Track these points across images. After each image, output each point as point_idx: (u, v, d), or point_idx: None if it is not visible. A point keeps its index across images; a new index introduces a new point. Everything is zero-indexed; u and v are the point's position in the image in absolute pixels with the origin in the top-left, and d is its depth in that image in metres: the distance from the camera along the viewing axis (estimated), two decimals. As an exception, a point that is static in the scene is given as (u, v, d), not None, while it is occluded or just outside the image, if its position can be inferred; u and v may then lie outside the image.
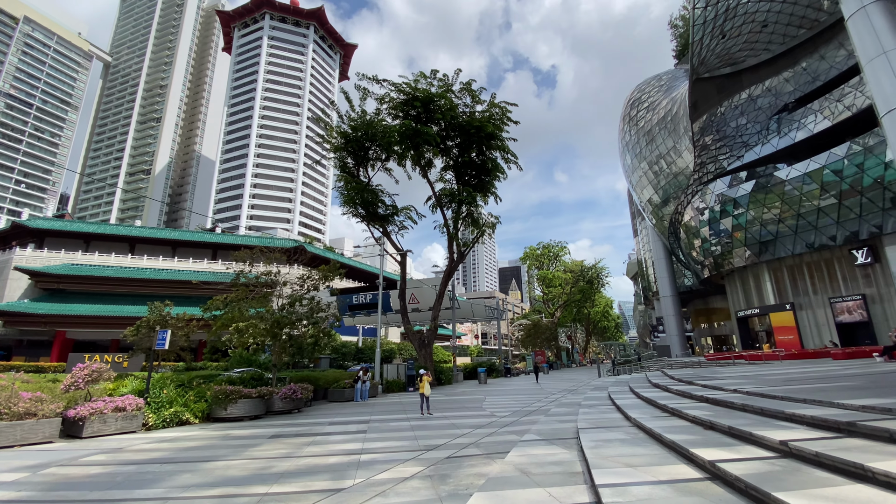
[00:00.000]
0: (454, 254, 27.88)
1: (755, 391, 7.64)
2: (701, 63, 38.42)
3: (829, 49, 33.49)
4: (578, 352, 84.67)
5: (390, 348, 42.53)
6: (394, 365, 25.79)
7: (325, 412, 15.37)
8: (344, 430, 10.42)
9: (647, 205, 53.49)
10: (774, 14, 34.33)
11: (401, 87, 25.17)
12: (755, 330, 42.93)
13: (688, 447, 4.86)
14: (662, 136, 46.83)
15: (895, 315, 29.94)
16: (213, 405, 14.20)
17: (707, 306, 64.24)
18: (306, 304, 17.32)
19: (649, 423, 6.70)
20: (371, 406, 16.34)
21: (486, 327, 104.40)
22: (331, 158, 29.34)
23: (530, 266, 66.60)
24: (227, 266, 30.47)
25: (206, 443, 9.68)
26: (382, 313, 25.97)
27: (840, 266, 33.63)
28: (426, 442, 8.19)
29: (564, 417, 9.59)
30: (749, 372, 13.59)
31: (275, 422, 13.37)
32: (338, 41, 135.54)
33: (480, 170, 27.83)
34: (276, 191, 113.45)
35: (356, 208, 28.66)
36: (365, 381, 18.88)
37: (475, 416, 11.99)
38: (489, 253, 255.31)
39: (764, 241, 36.15)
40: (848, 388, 7.60)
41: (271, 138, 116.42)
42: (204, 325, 23.55)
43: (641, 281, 79.08)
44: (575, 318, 73.14)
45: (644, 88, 55.06)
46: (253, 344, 16.16)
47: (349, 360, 36.47)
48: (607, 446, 5.72)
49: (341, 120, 27.77)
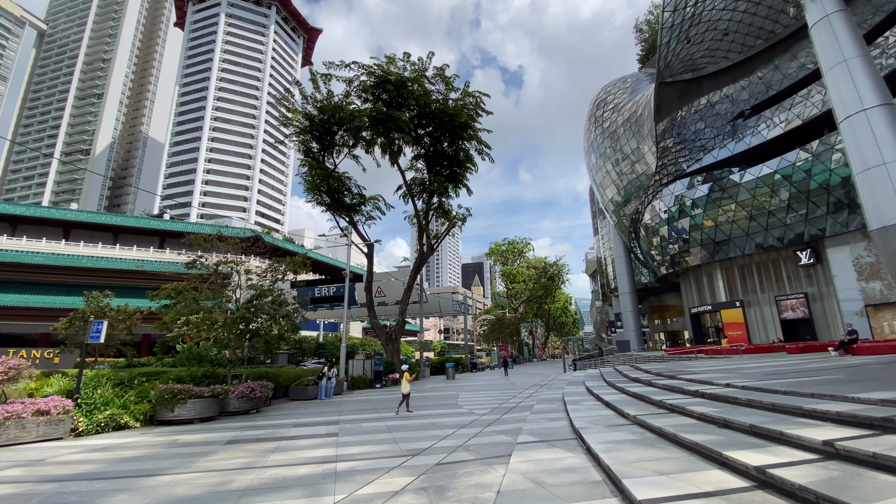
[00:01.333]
0: (424, 246, 27.00)
1: (751, 385, 7.41)
2: (666, 66, 39.52)
3: (783, 60, 35.29)
4: (539, 347, 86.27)
5: (353, 344, 41.10)
6: (359, 361, 24.68)
7: (287, 412, 14.17)
8: (312, 433, 9.37)
9: (609, 204, 54.82)
10: (735, 23, 35.76)
11: (371, 69, 23.89)
12: (706, 326, 45.08)
13: (716, 449, 4.37)
14: (627, 137, 48.01)
15: (833, 313, 31.97)
16: (158, 406, 12.67)
17: (661, 303, 67.00)
18: (272, 297, 15.94)
19: (654, 420, 6.24)
20: (338, 405, 15.26)
21: (448, 322, 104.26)
22: (293, 142, 27.61)
23: (495, 261, 66.90)
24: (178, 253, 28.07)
25: (149, 451, 8.38)
26: (347, 307, 24.74)
27: (786, 266, 35.63)
28: (408, 445, 7.38)
29: (553, 415, 9.09)
30: (720, 366, 13.74)
31: (231, 424, 12.06)
32: (301, 24, 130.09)
33: (452, 161, 27.06)
34: (231, 177, 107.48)
35: (321, 196, 27.14)
36: (330, 377, 17.73)
37: (453, 414, 11.29)
38: (452, 249, 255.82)
39: (718, 241, 37.75)
40: (838, 381, 7.52)
41: (227, 122, 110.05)
42: (150, 317, 21.43)
43: (600, 278, 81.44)
44: (536, 313, 74.45)
45: (610, 90, 56.27)
46: (207, 338, 14.63)
47: (309, 355, 34.80)
48: (620, 449, 5.16)
49: (306, 101, 26.12)
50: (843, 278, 30.68)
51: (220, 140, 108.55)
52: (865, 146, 16.67)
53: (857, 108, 16.85)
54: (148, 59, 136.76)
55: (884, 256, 16.56)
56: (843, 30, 17.43)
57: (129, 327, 23.15)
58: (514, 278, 64.20)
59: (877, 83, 16.61)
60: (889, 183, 15.84)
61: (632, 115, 46.94)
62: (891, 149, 15.87)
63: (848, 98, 17.24)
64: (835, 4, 17.82)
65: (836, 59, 17.61)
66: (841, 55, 17.38)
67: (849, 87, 17.15)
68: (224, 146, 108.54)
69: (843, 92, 17.40)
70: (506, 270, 64.99)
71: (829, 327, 32.28)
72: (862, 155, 16.85)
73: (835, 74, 17.73)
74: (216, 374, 15.84)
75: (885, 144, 15.99)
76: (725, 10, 34.31)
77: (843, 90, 17.44)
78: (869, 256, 29.50)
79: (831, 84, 18.01)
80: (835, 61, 17.66)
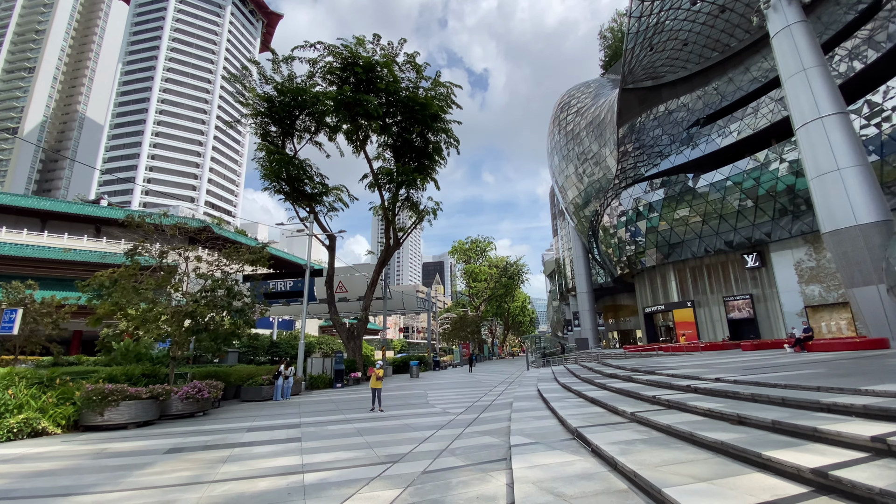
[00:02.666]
0: (390, 239, 25.93)
1: (744, 380, 7.17)
2: (630, 72, 40.62)
3: (736, 73, 37.14)
4: (498, 345, 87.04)
5: (309, 342, 39.19)
6: (318, 359, 23.27)
7: (240, 414, 12.79)
8: (271, 439, 8.23)
9: (570, 205, 55.88)
10: (694, 34, 37.28)
11: (337, 49, 22.52)
12: (658, 325, 46.91)
13: (752, 449, 3.88)
14: (589, 140, 49.04)
15: (776, 313, 33.97)
16: (84, 409, 10.98)
17: (615, 303, 69.28)
18: (226, 288, 14.36)
19: (656, 418, 5.77)
20: (297, 406, 14.00)
21: (409, 321, 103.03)
22: (249, 124, 25.68)
23: (458, 259, 66.64)
24: (116, 243, 25.34)
25: (69, 464, 6.98)
26: (306, 301, 23.24)
27: (733, 269, 37.52)
28: (385, 451, 6.51)
29: (537, 413, 8.51)
30: (689, 361, 13.83)
31: (173, 429, 10.61)
32: (260, 7, 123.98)
33: (421, 153, 26.18)
34: (179, 164, 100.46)
35: (279, 183, 25.42)
36: (287, 376, 16.38)
37: (426, 413, 10.49)
38: (414, 247, 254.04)
39: (672, 243, 39.22)
40: (827, 375, 7.45)
41: (176, 105, 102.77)
42: (83, 312, 19.06)
43: (558, 278, 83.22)
44: (496, 312, 75.04)
45: (573, 93, 57.36)
46: (149, 335, 12.92)
47: (261, 354, 32.70)
48: (634, 451, 4.60)
49: (265, 81, 24.32)
50: (785, 281, 32.70)
51: (167, 124, 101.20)
52: (820, 152, 17.48)
53: (814, 115, 17.65)
54: (88, 33, 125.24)
55: (835, 258, 17.43)
56: (804, 40, 18.22)
57: (56, 321, 20.55)
58: (477, 277, 64.21)
59: (833, 92, 17.46)
60: (842, 188, 16.66)
61: (595, 118, 47.99)
62: (844, 155, 16.70)
63: (805, 106, 18.03)
64: (796, 15, 18.62)
65: (795, 67, 18.39)
66: (800, 64, 18.15)
67: (807, 95, 17.94)
68: (172, 130, 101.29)
69: (801, 100, 18.18)
70: (468, 269, 64.89)
71: (771, 327, 34.28)
72: (817, 161, 17.66)
73: (794, 83, 18.50)
74: (157, 373, 14.13)
75: (840, 151, 16.82)
76: (686, 20, 35.65)
77: (801, 98, 18.22)
78: (809, 261, 31.55)
79: (790, 92, 18.79)
80: (794, 70, 18.44)
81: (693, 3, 33.48)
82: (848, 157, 16.70)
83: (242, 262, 15.80)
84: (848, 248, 16.76)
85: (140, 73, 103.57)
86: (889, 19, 23.72)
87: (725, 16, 34.93)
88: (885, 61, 23.96)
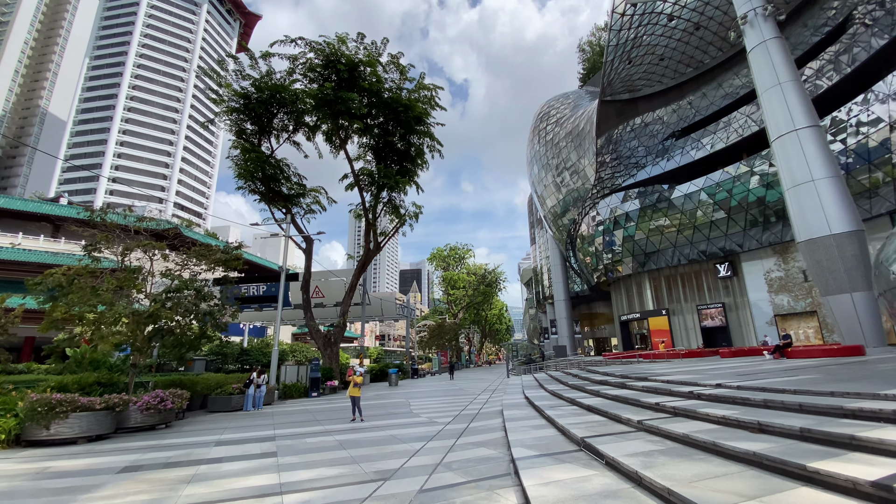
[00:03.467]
0: (370, 243, 25.18)
1: (748, 385, 6.94)
2: (608, 84, 41.51)
3: (709, 88, 38.41)
4: (475, 353, 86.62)
5: (283, 349, 37.74)
6: (293, 366, 22.20)
7: (207, 426, 11.79)
8: (242, 454, 7.43)
9: (549, 213, 56.36)
10: (670, 50, 38.47)
11: (319, 46, 21.85)
12: (634, 333, 47.51)
13: (793, 461, 3.52)
14: (568, 150, 49.69)
15: (747, 321, 34.83)
16: (28, 422, 9.84)
17: (591, 311, 70.05)
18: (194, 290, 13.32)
19: (668, 426, 5.40)
20: (270, 416, 13.07)
21: (385, 328, 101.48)
22: (224, 122, 24.60)
23: (437, 266, 66.12)
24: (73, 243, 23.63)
25: (3, 486, 6.04)
26: (281, 305, 22.19)
27: (706, 278, 38.37)
28: (373, 466, 5.88)
29: (533, 422, 8.05)
30: (677, 368, 13.71)
31: (130, 444, 9.60)
32: (238, 6, 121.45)
33: (403, 156, 25.66)
34: (147, 164, 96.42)
35: (254, 183, 24.39)
36: (260, 385, 15.39)
37: (412, 423, 9.87)
38: (392, 254, 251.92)
39: (648, 252, 39.87)
40: (829, 380, 7.29)
41: (146, 102, 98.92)
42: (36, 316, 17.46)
43: (535, 286, 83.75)
44: (474, 319, 74.78)
45: (553, 104, 58.23)
46: (108, 341, 11.78)
47: (231, 361, 31.13)
48: (657, 464, 4.18)
49: (241, 77, 23.39)
50: (756, 290, 33.66)
51: (135, 122, 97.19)
52: (795, 164, 17.95)
53: (790, 127, 18.15)
54: (54, 25, 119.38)
55: (809, 266, 17.85)
56: (779, 55, 18.80)
57: (4, 326, 18.81)
58: (455, 284, 63.80)
59: (807, 106, 18.02)
60: (816, 198, 17.11)
61: (574, 128, 48.72)
62: (819, 167, 17.19)
63: (781, 118, 18.53)
64: (771, 31, 19.22)
65: (771, 81, 18.92)
66: (776, 78, 18.69)
67: (782, 108, 18.45)
68: (140, 129, 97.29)
69: (777, 112, 18.70)
70: (447, 276, 64.43)
71: (742, 335, 35.11)
72: (792, 172, 18.13)
73: (770, 96, 19.03)
74: (114, 382, 12.94)
75: (814, 163, 17.31)
76: (663, 36, 36.76)
77: (776, 111, 18.73)
78: (778, 271, 32.56)
79: (766, 105, 19.31)
80: (770, 83, 18.97)
81: (670, 19, 34.55)
82: (822, 169, 17.20)
83: (213, 262, 14.80)
84: (822, 257, 17.19)
85: (108, 68, 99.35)
86: (852, 43, 24.91)
87: (700, 33, 36.17)
88: (849, 80, 25.11)
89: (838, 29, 26.89)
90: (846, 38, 25.79)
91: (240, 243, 16.70)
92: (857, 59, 24.01)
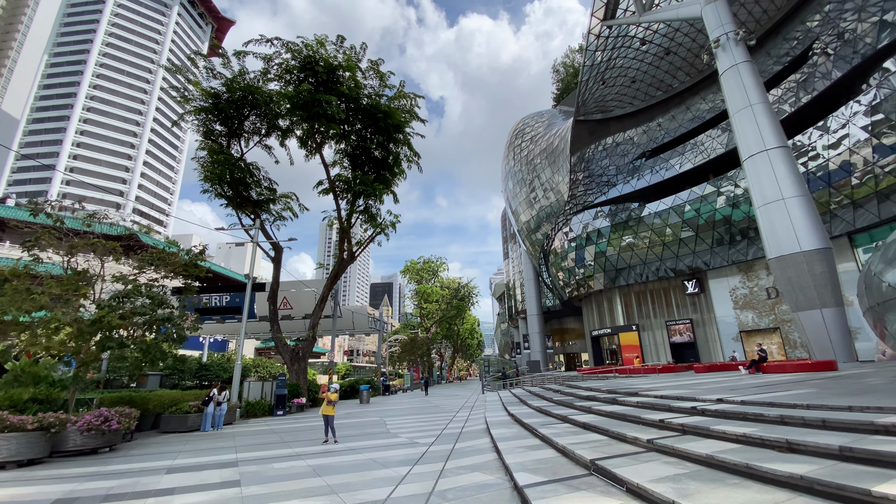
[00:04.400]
0: (344, 252, 24.21)
1: (753, 400, 6.62)
2: (583, 104, 42.60)
3: (678, 111, 40.01)
4: (447, 369, 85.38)
5: (246, 364, 35.65)
6: (256, 382, 20.77)
7: (158, 449, 10.52)
8: (199, 483, 6.40)
9: (523, 228, 56.83)
10: (642, 73, 39.95)
11: (296, 47, 21.13)
12: (605, 348, 47.98)
13: (853, 485, 3.09)
14: (543, 167, 50.48)
15: (714, 337, 35.66)
16: (-60, 449, 8.42)
17: (561, 326, 70.62)
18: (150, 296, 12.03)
19: (685, 446, 4.95)
20: (231, 438, 11.84)
21: (354, 343, 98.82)
22: (191, 122, 23.32)
23: (410, 279, 65.06)
24: (17, 248, 21.43)
25: None
26: (246, 317, 20.81)
27: (675, 294, 39.24)
28: (355, 497, 5.10)
29: (526, 441, 7.43)
30: (663, 383, 13.48)
31: (67, 470, 8.32)
32: (211, 11, 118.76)
33: (381, 164, 25.02)
34: (106, 167, 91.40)
35: (222, 187, 23.11)
36: (220, 402, 14.10)
37: (392, 444, 9.05)
38: (363, 267, 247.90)
39: (619, 268, 40.53)
40: (823, 394, 7.09)
41: (108, 103, 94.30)
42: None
43: (508, 301, 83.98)
44: (446, 334, 73.87)
45: (528, 121, 59.32)
46: (38, 348, 10.40)
47: (188, 377, 28.97)
48: (692, 490, 3.68)
49: (211, 75, 22.33)
50: (722, 307, 34.62)
51: (95, 122, 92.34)
52: (766, 183, 18.54)
53: (760, 148, 18.79)
54: (13, 21, 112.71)
55: (780, 283, 18.29)
56: (750, 78, 19.56)
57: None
58: (428, 297, 62.89)
59: (777, 127, 18.74)
60: (787, 216, 17.65)
61: (549, 145, 49.59)
62: (789, 186, 17.78)
63: (752, 139, 19.18)
64: (743, 55, 20.03)
65: (742, 103, 19.63)
66: (747, 100, 19.40)
67: (753, 129, 19.12)
68: (101, 130, 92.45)
69: (748, 133, 19.35)
70: (420, 289, 63.46)
71: (710, 351, 35.89)
72: (763, 190, 18.70)
73: (741, 117, 19.71)
74: (52, 399, 11.47)
75: (784, 182, 17.90)
76: (635, 59, 38.14)
77: (748, 131, 19.39)
78: (743, 288, 33.63)
79: (737, 126, 19.98)
80: (741, 105, 19.67)
81: (642, 43, 35.90)
82: (792, 188, 17.80)
83: (172, 268, 13.57)
84: (792, 274, 17.66)
85: (69, 65, 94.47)
86: (812, 73, 26.45)
87: (669, 58, 37.73)
88: (811, 106, 26.52)
89: (799, 59, 28.53)
90: (807, 68, 27.37)
91: (204, 246, 15.49)
92: (816, 88, 25.43)
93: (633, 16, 29.27)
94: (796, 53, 27.93)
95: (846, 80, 23.93)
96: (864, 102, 21.46)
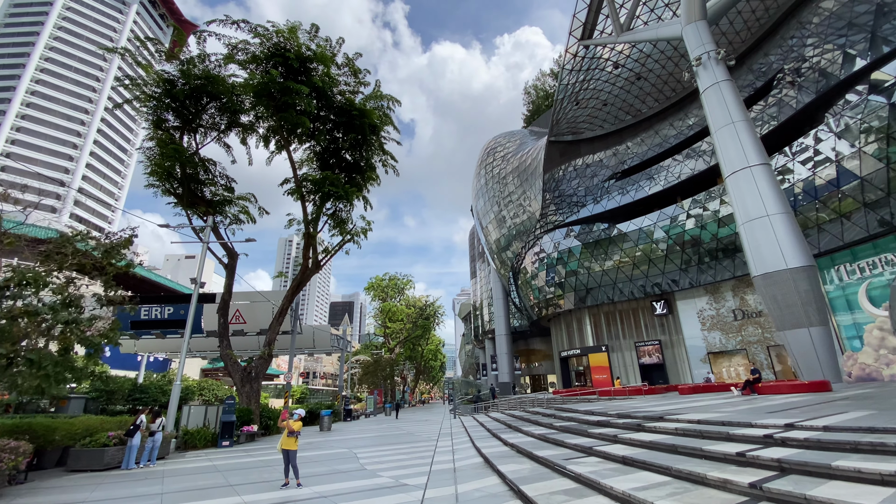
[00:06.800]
0: (309, 259, 21.99)
1: (837, 425, 5.38)
2: (556, 122, 42.94)
3: (647, 135, 40.99)
4: (409, 391, 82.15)
5: (188, 386, 31.82)
6: (199, 407, 17.94)
7: (57, 498, 7.98)
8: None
9: (493, 246, 56.15)
10: (613, 97, 40.83)
11: (266, 32, 19.31)
12: (573, 369, 47.24)
13: None
14: (514, 185, 50.33)
15: (682, 358, 35.61)
16: None
17: (528, 347, 69.84)
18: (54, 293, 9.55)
19: (816, 493, 3.55)
20: (159, 479, 9.35)
21: (311, 364, 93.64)
22: (142, 112, 20.80)
23: (374, 297, 62.30)
24: None
25: None
26: (190, 331, 18.07)
27: (644, 315, 39.22)
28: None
29: (555, 484, 5.74)
30: (667, 406, 12.31)
31: None
32: (172, 12, 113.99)
33: (353, 167, 23.31)
34: (41, 167, 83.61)
35: (171, 183, 20.54)
36: (155, 431, 11.50)
37: (374, 488, 7.12)
38: (323, 284, 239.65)
39: (589, 288, 40.26)
40: (890, 417, 6.00)
41: (50, 99, 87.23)
42: None
43: (474, 321, 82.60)
44: (410, 355, 71.21)
45: (500, 140, 59.54)
46: None
47: (119, 401, 25.18)
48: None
49: (165, 59, 20.05)
50: (690, 328, 34.71)
51: (34, 119, 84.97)
52: (749, 200, 18.37)
53: (743, 164, 18.70)
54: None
55: (765, 300, 17.93)
56: (731, 96, 19.66)
57: None
58: (394, 316, 60.38)
59: (758, 144, 18.76)
60: (772, 233, 17.42)
61: (521, 164, 49.60)
62: (772, 203, 17.64)
63: (734, 155, 19.11)
64: (723, 74, 20.19)
65: (724, 120, 19.63)
66: (729, 117, 19.42)
67: (735, 146, 19.07)
68: (39, 128, 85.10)
69: (730, 150, 19.29)
70: (385, 307, 60.86)
71: (678, 372, 35.76)
72: (746, 207, 18.51)
73: (723, 134, 19.68)
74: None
75: (768, 199, 17.76)
76: (608, 82, 38.91)
77: (730, 149, 19.33)
78: (710, 310, 33.90)
79: (719, 143, 19.93)
80: (723, 122, 19.67)
81: (615, 66, 36.65)
82: (775, 205, 17.66)
83: (98, 258, 11.08)
84: (777, 292, 17.32)
85: (9, 58, 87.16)
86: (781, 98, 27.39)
87: (640, 83, 38.74)
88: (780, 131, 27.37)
89: (766, 86, 29.67)
90: (774, 94, 28.41)
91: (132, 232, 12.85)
92: (784, 114, 26.29)
93: (611, 36, 29.66)
94: (765, 80, 29.01)
95: (811, 108, 24.77)
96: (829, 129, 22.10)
